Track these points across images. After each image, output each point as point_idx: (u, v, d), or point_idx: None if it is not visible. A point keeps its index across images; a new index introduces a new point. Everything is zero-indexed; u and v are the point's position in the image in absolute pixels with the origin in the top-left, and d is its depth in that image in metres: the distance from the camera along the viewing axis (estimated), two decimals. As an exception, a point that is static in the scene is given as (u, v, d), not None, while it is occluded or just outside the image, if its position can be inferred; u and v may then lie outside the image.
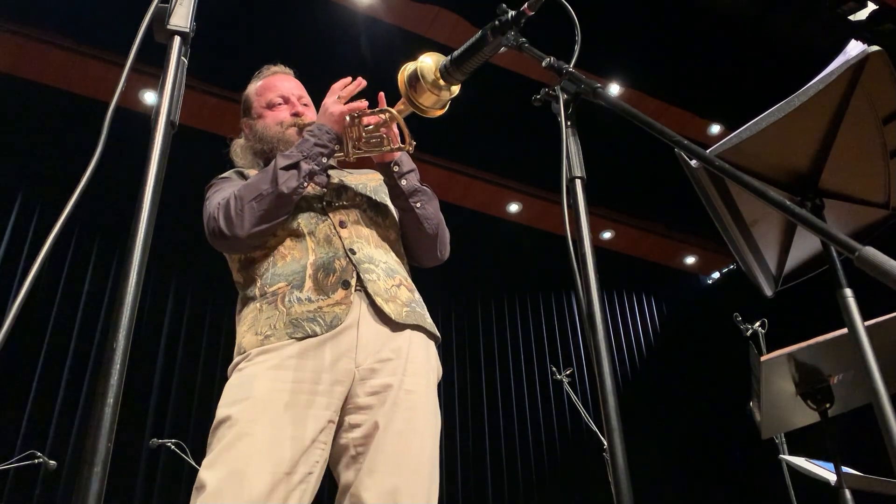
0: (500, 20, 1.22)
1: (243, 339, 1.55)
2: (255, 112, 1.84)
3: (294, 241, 1.62)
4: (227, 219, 1.55)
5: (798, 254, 1.32)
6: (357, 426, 1.49)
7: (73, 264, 4.72)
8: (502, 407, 6.14)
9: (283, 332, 1.49)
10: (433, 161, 5.64)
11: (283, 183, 1.54)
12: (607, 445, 0.90)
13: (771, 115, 1.12)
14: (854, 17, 4.46)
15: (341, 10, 4.54)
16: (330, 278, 1.56)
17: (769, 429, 2.17)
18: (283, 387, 1.44)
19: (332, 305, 1.52)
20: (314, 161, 1.59)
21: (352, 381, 1.50)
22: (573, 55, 1.19)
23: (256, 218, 1.54)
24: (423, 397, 1.55)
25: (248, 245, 1.61)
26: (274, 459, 1.36)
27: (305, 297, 1.53)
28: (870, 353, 1.05)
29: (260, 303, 1.57)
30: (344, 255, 1.59)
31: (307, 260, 1.59)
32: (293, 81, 1.89)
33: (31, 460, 3.10)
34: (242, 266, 1.67)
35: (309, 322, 1.50)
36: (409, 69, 1.50)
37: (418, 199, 1.72)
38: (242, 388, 1.45)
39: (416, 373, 1.55)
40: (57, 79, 4.67)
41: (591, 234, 1.02)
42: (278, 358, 1.47)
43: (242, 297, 1.65)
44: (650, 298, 7.69)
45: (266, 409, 1.41)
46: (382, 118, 1.64)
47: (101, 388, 0.71)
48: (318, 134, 1.62)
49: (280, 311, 1.52)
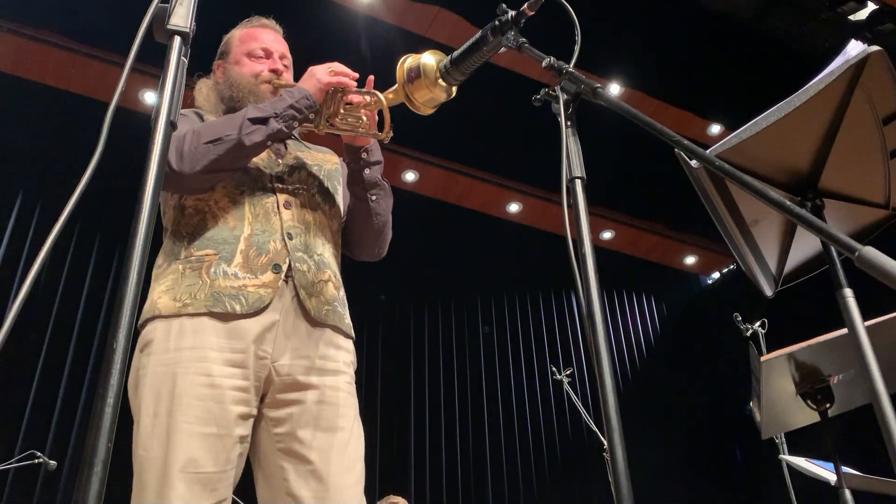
0: (500, 20, 1.22)
1: (160, 299, 1.49)
2: (233, 57, 1.77)
3: (232, 206, 1.56)
4: (178, 152, 1.48)
5: (798, 254, 1.32)
6: (280, 421, 1.48)
7: (73, 264, 4.72)
8: (502, 407, 6.14)
9: (201, 304, 1.45)
10: (433, 161, 5.64)
11: (247, 134, 1.49)
12: (607, 445, 0.90)
13: (771, 115, 1.12)
14: (854, 17, 4.46)
15: (341, 10, 4.54)
16: (261, 258, 1.51)
17: (769, 429, 2.17)
18: (203, 391, 1.40)
19: (257, 287, 1.48)
20: (284, 122, 1.53)
21: (267, 375, 1.48)
22: (573, 55, 1.19)
23: (209, 161, 1.47)
24: (344, 395, 1.54)
25: (189, 186, 1.54)
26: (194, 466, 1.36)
27: (232, 272, 1.48)
28: (870, 353, 1.05)
29: (184, 266, 1.51)
30: (280, 238, 1.55)
31: (241, 232, 1.53)
32: (279, 39, 1.83)
33: (31, 460, 3.10)
34: (175, 212, 1.60)
35: (230, 298, 1.45)
36: (411, 62, 1.49)
37: (375, 193, 1.69)
38: (164, 384, 1.41)
39: (335, 371, 1.54)
40: (57, 79, 4.67)
41: (591, 234, 1.02)
42: (197, 336, 1.43)
43: (166, 250, 1.59)
44: (650, 298, 7.69)
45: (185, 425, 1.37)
46: (367, 100, 1.61)
47: (101, 388, 0.71)
48: (296, 96, 1.56)
49: (203, 280, 1.47)
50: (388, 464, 5.22)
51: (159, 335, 1.45)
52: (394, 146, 1.49)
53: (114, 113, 0.86)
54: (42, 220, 4.66)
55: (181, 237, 1.55)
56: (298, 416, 1.48)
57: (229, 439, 1.40)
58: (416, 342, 6.00)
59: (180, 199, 1.60)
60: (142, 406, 1.41)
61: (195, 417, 1.37)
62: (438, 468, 5.57)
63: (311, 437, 1.46)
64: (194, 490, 1.33)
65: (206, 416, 1.38)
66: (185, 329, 1.44)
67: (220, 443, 1.38)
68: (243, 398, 1.44)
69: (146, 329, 1.49)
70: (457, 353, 6.14)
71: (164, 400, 1.38)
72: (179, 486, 1.32)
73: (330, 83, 1.58)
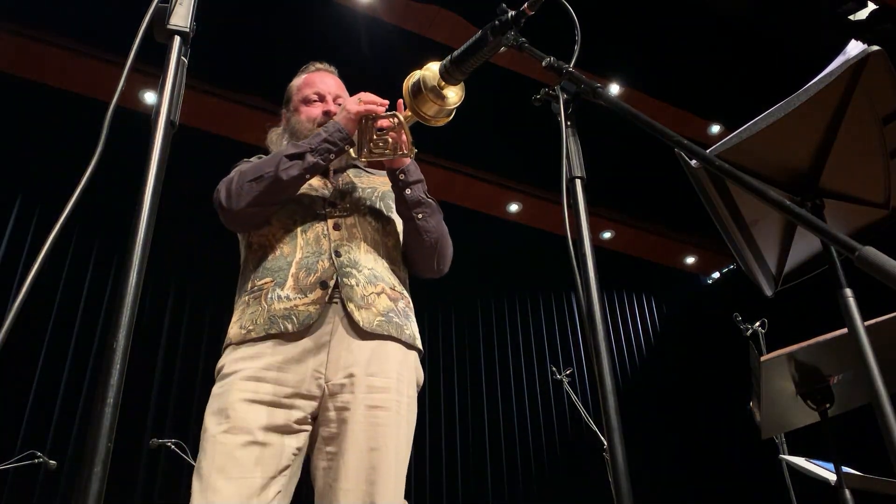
0: (500, 20, 1.21)
1: (231, 330, 1.61)
2: (293, 105, 1.89)
3: (286, 236, 1.66)
4: (227, 191, 1.63)
5: (798, 254, 1.32)
6: (329, 439, 1.52)
7: (73, 264, 4.72)
8: (502, 407, 6.14)
9: (261, 328, 1.54)
10: (433, 161, 5.64)
11: (284, 170, 1.59)
12: (607, 445, 0.90)
13: (771, 115, 1.12)
14: (854, 17, 4.46)
15: (341, 10, 4.54)
16: (310, 278, 1.59)
17: (769, 429, 2.17)
18: (258, 408, 1.48)
19: (307, 305, 1.55)
20: (320, 155, 1.61)
21: (322, 396, 1.53)
22: (573, 55, 1.18)
23: (251, 197, 1.60)
24: (393, 413, 1.54)
25: (241, 221, 1.67)
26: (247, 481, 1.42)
27: (285, 295, 1.57)
28: (870, 353, 1.05)
29: (248, 297, 1.62)
30: (328, 257, 1.61)
31: (294, 258, 1.62)
32: (334, 80, 1.92)
33: (31, 460, 3.10)
34: (246, 250, 1.74)
35: (283, 319, 1.54)
36: (413, 79, 1.51)
37: (420, 211, 1.73)
38: (220, 400, 1.50)
39: (384, 388, 1.55)
40: (57, 79, 4.67)
41: (591, 234, 1.02)
42: (255, 359, 1.52)
43: (239, 286, 1.71)
44: (650, 298, 7.69)
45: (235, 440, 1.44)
46: (393, 123, 1.65)
47: (101, 388, 0.71)
48: (329, 130, 1.64)
49: (262, 307, 1.57)
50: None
51: (226, 363, 1.56)
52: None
53: (114, 113, 0.86)
54: (42, 220, 4.66)
55: (249, 271, 1.68)
56: (343, 435, 1.50)
57: (273, 449, 1.45)
58: (416, 342, 6.00)
59: (248, 238, 1.72)
60: (206, 420, 1.50)
61: (238, 428, 1.44)
62: (438, 468, 5.57)
63: (353, 457, 1.48)
64: (238, 492, 1.39)
65: (249, 426, 1.44)
66: (246, 354, 1.54)
67: (262, 452, 1.44)
68: (294, 415, 1.50)
69: (221, 358, 1.60)
70: (456, 352, 6.13)
71: (215, 412, 1.48)
72: (219, 483, 1.38)
73: (359, 112, 1.65)
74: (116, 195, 3.50)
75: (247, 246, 1.73)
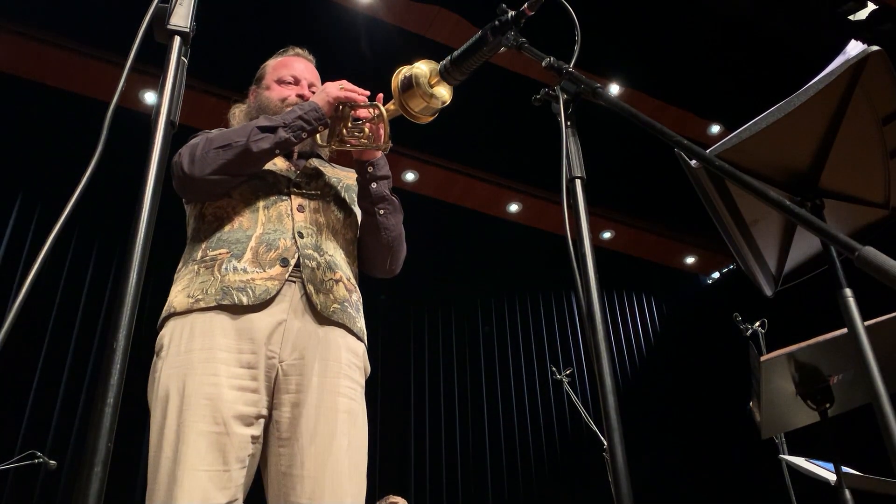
0: (499, 20, 1.21)
1: (175, 298, 1.55)
2: (265, 83, 1.85)
3: (247, 211, 1.61)
4: (190, 157, 1.56)
5: (798, 254, 1.32)
6: (281, 424, 1.49)
7: (73, 264, 4.71)
8: (502, 407, 6.14)
9: (212, 298, 1.49)
10: (433, 161, 5.64)
11: (255, 141, 1.54)
12: (607, 445, 0.90)
13: (771, 115, 1.12)
14: (854, 17, 4.45)
15: (341, 10, 4.53)
16: (270, 253, 1.55)
17: (769, 429, 2.17)
18: (211, 390, 1.43)
19: (264, 279, 1.52)
20: (293, 132, 1.57)
21: (276, 376, 1.50)
22: (573, 55, 1.18)
23: (217, 165, 1.54)
24: (347, 400, 1.54)
25: (200, 189, 1.60)
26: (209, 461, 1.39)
27: (242, 267, 1.53)
28: (870, 353, 1.05)
29: (199, 266, 1.56)
30: (291, 237, 1.59)
31: (254, 232, 1.58)
32: (311, 68, 1.90)
33: (31, 460, 3.09)
34: (196, 221, 1.67)
35: (238, 291, 1.49)
36: (404, 73, 1.51)
37: (383, 207, 1.72)
38: (175, 385, 1.45)
39: (337, 374, 1.54)
40: (57, 79, 4.67)
41: (591, 234, 1.02)
42: (207, 337, 1.46)
43: (185, 255, 1.65)
44: (650, 298, 7.69)
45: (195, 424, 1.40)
46: (372, 113, 1.64)
47: (101, 388, 0.71)
48: (305, 108, 1.61)
49: (215, 276, 1.52)
50: (387, 464, 5.22)
51: (171, 338, 1.50)
52: (393, 146, 1.50)
53: (114, 113, 0.86)
54: (42, 220, 4.66)
55: (199, 241, 1.62)
56: (297, 419, 1.48)
57: (237, 438, 1.41)
58: (416, 342, 6.00)
59: (202, 209, 1.66)
60: (155, 408, 1.45)
61: (202, 416, 1.39)
62: (438, 468, 5.57)
63: (309, 442, 1.46)
64: (205, 488, 1.34)
65: (214, 415, 1.40)
66: (195, 330, 1.48)
67: (228, 441, 1.39)
68: (252, 399, 1.46)
69: (161, 331, 1.55)
70: (456, 352, 6.13)
71: (174, 400, 1.42)
72: (188, 483, 1.33)
73: (338, 97, 1.62)
74: (116, 195, 3.51)
75: (198, 216, 1.66)
